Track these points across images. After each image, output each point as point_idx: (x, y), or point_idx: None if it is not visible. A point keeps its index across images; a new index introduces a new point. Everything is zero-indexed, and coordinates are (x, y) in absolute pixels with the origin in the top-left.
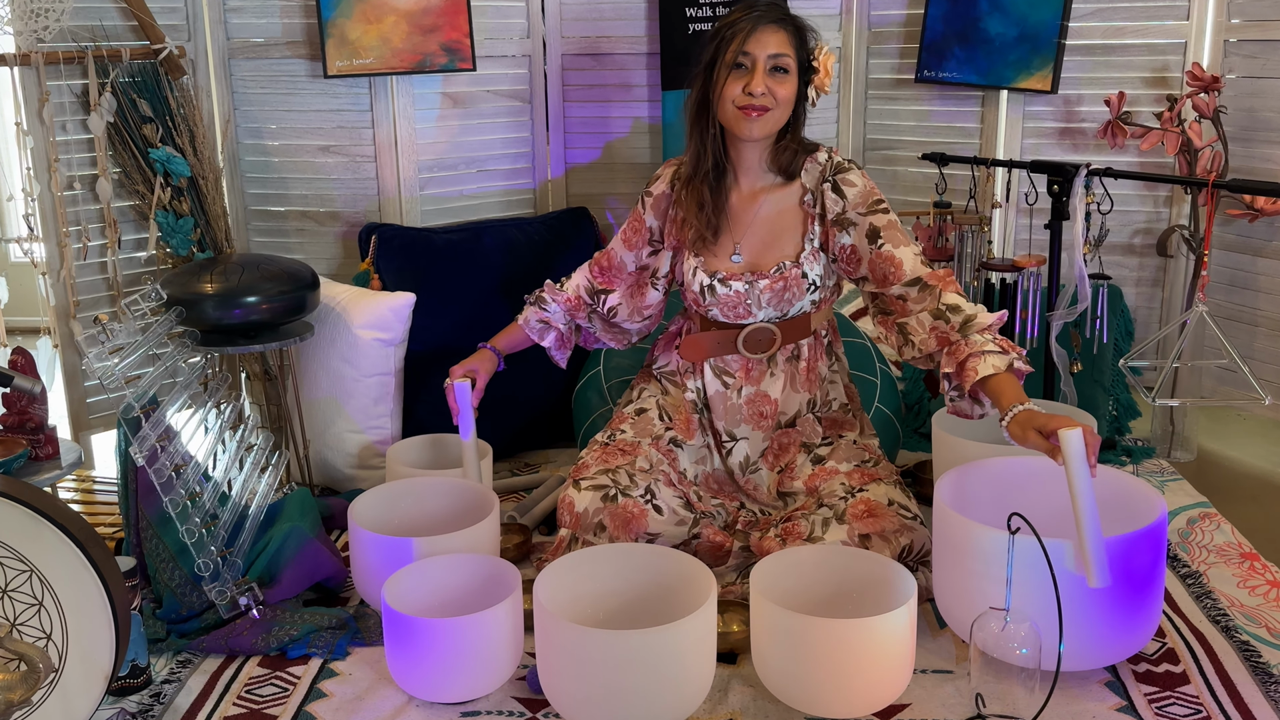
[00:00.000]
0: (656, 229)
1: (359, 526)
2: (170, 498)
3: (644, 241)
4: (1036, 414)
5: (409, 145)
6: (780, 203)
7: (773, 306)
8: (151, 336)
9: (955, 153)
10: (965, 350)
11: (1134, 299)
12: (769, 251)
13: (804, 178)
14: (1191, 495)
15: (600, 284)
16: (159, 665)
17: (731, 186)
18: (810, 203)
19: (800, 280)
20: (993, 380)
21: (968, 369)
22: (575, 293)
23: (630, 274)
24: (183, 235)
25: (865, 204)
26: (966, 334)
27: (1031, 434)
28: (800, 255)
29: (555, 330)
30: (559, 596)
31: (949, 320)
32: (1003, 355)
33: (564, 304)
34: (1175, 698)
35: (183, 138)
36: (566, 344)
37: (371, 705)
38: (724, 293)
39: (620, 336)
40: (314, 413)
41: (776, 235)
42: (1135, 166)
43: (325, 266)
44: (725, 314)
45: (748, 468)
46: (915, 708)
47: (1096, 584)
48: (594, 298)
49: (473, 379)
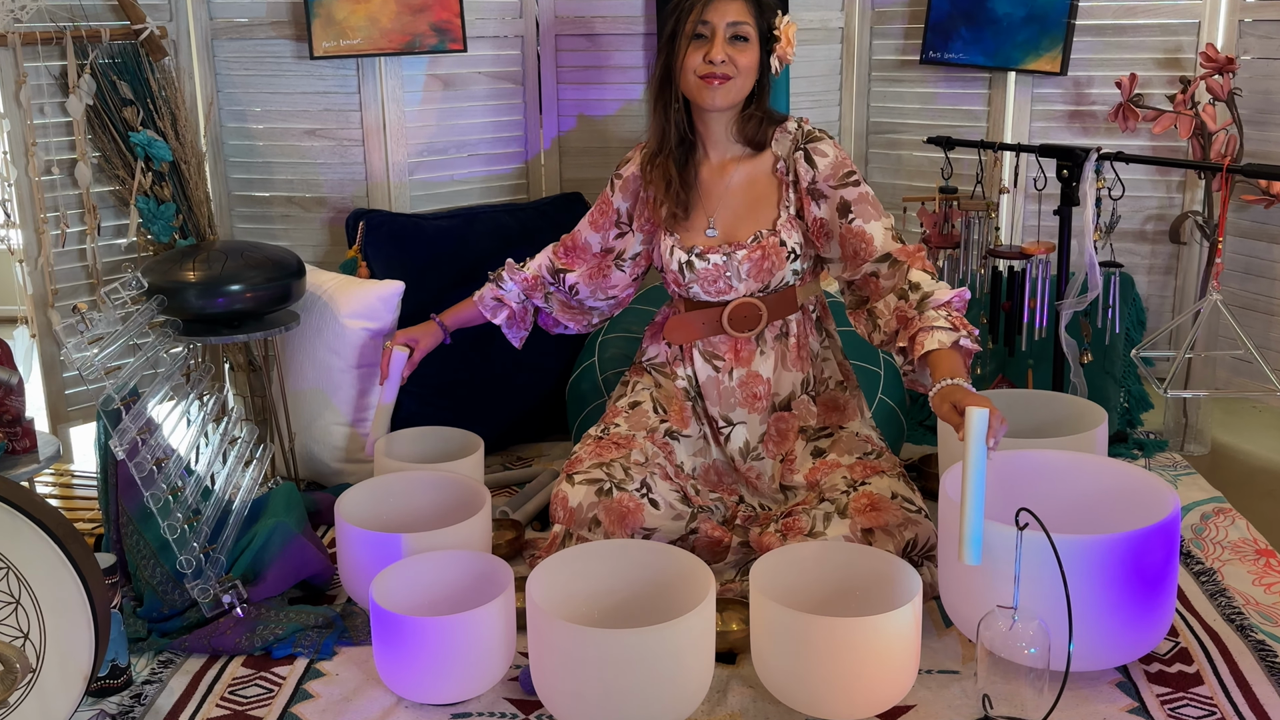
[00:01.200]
0: (625, 211)
1: (346, 522)
2: (151, 492)
3: (611, 224)
4: (959, 389)
5: (398, 129)
6: (752, 172)
7: (753, 278)
8: (132, 326)
9: (961, 136)
10: (917, 325)
11: (1146, 287)
12: (744, 222)
13: (775, 147)
14: (1205, 490)
15: (561, 264)
16: (140, 665)
17: (701, 160)
18: (783, 170)
19: (779, 249)
20: (935, 354)
21: (916, 343)
22: (535, 271)
23: (594, 255)
24: (164, 221)
25: (836, 176)
26: (922, 310)
27: (947, 407)
28: (776, 223)
29: (508, 308)
30: (552, 594)
31: (909, 298)
32: (950, 332)
33: (521, 283)
34: (1188, 699)
35: (164, 121)
36: (520, 323)
37: (359, 707)
38: (702, 267)
39: (581, 317)
40: (300, 405)
41: (750, 205)
42: (1147, 151)
43: (311, 254)
44: (707, 290)
45: (749, 454)
46: (920, 709)
47: (967, 561)
48: (554, 277)
49: (411, 349)
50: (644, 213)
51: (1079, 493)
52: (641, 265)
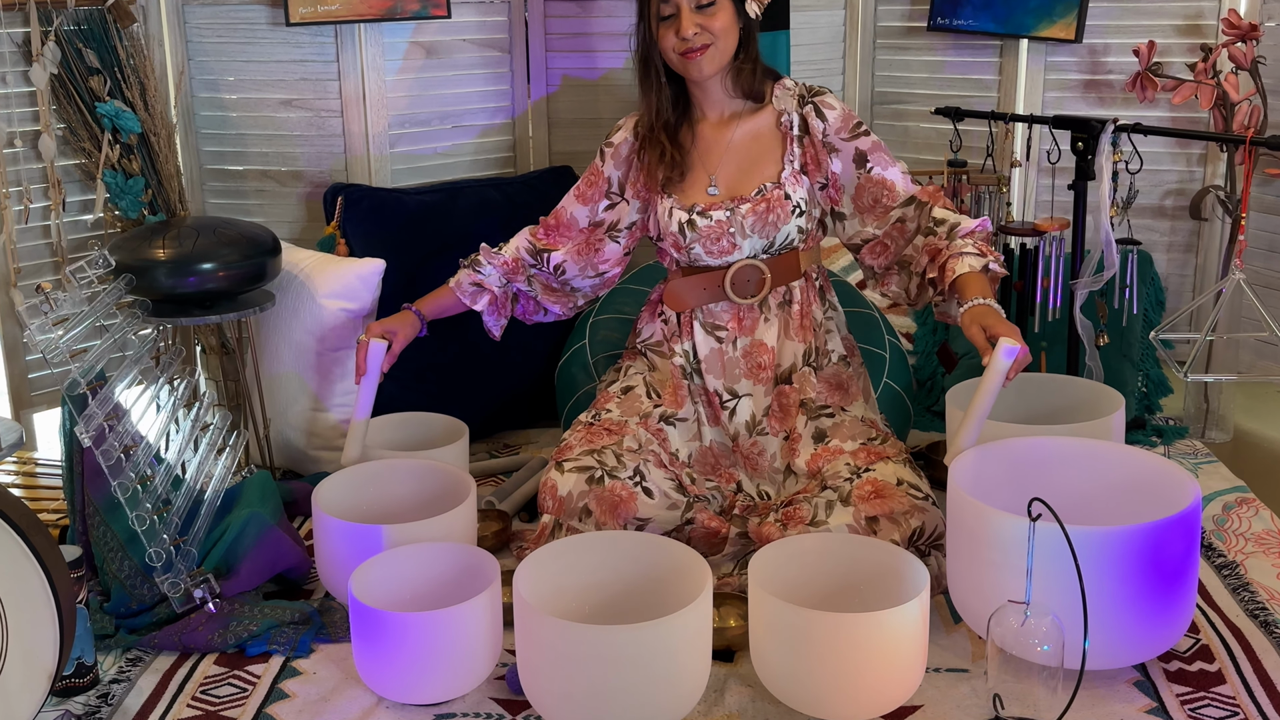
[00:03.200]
0: (616, 180)
1: (324, 513)
2: (119, 481)
3: (600, 194)
4: (991, 313)
5: (378, 99)
6: (754, 128)
7: (758, 234)
8: (99, 306)
9: (971, 107)
10: (946, 253)
11: (1165, 266)
12: (747, 177)
13: (776, 103)
14: (1227, 479)
15: (543, 244)
16: (107, 664)
17: (698, 120)
18: (788, 125)
19: (784, 202)
20: (964, 277)
21: (946, 269)
22: (514, 254)
23: (580, 231)
24: (133, 196)
25: (847, 128)
26: (951, 239)
27: (976, 328)
28: (781, 175)
29: (489, 294)
30: (541, 589)
31: (936, 233)
32: (979, 257)
33: (500, 267)
34: (1210, 699)
35: (133, 91)
36: (501, 310)
37: (337, 707)
38: (704, 224)
39: (565, 300)
40: (275, 389)
41: (754, 159)
42: (1166, 122)
43: (287, 230)
44: (709, 249)
45: (754, 428)
46: (927, 709)
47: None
48: (536, 258)
49: (389, 341)
50: (638, 179)
51: (1094, 482)
52: (636, 236)
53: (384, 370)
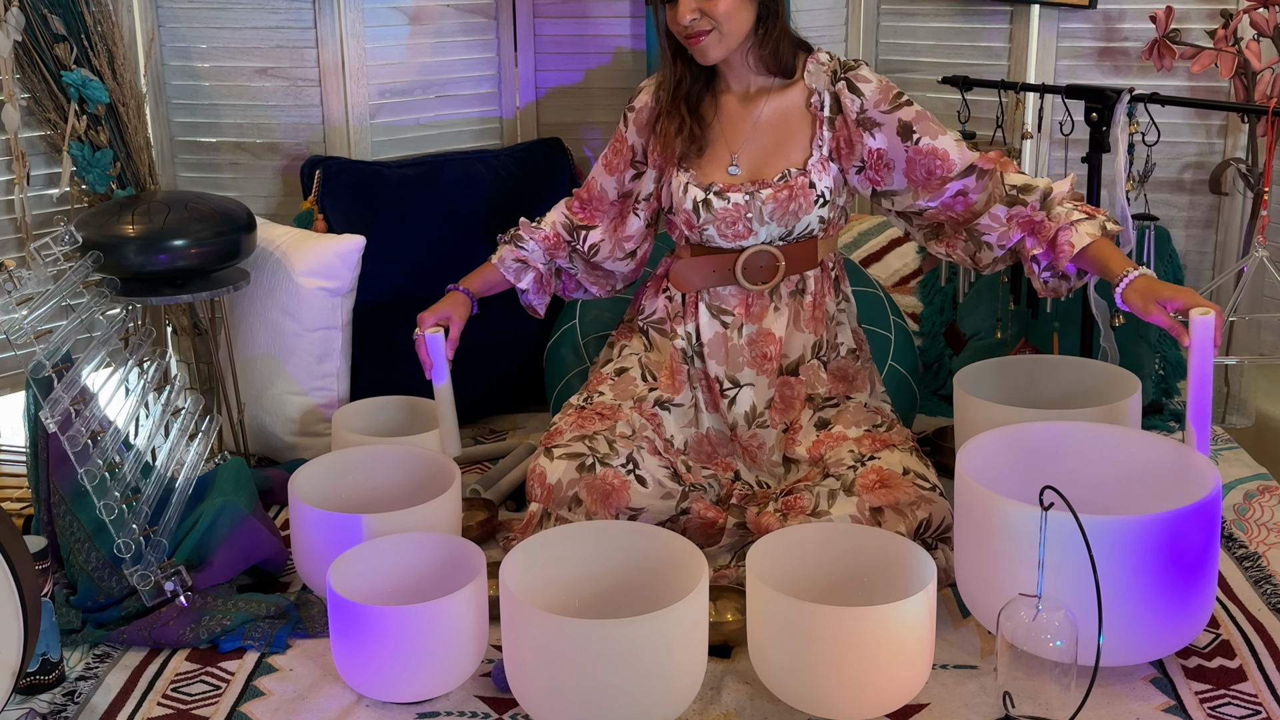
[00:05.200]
0: (640, 147)
1: (301, 501)
2: (86, 469)
3: (626, 163)
4: (1157, 283)
5: (358, 68)
6: (783, 105)
7: (776, 221)
8: (65, 285)
9: (980, 76)
10: (1053, 226)
11: (1184, 242)
12: (772, 160)
13: (808, 79)
14: (1249, 466)
15: (580, 219)
16: (73, 660)
17: (723, 91)
18: (818, 105)
19: (808, 190)
20: (1091, 248)
21: (1061, 244)
22: (553, 229)
23: (613, 204)
24: (100, 170)
25: (887, 100)
26: (1049, 210)
27: (1154, 306)
28: (807, 162)
29: (534, 270)
30: (529, 581)
31: (1025, 202)
32: (1091, 220)
33: (542, 242)
34: (1230, 697)
35: (100, 59)
36: (545, 288)
37: (315, 705)
38: (721, 207)
39: (603, 281)
40: (250, 372)
41: (779, 141)
42: (1185, 92)
43: (262, 205)
44: (723, 232)
45: (754, 419)
46: (934, 708)
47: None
48: (573, 235)
49: (445, 327)
50: (655, 146)
51: (1109, 469)
52: (653, 207)
53: (449, 357)
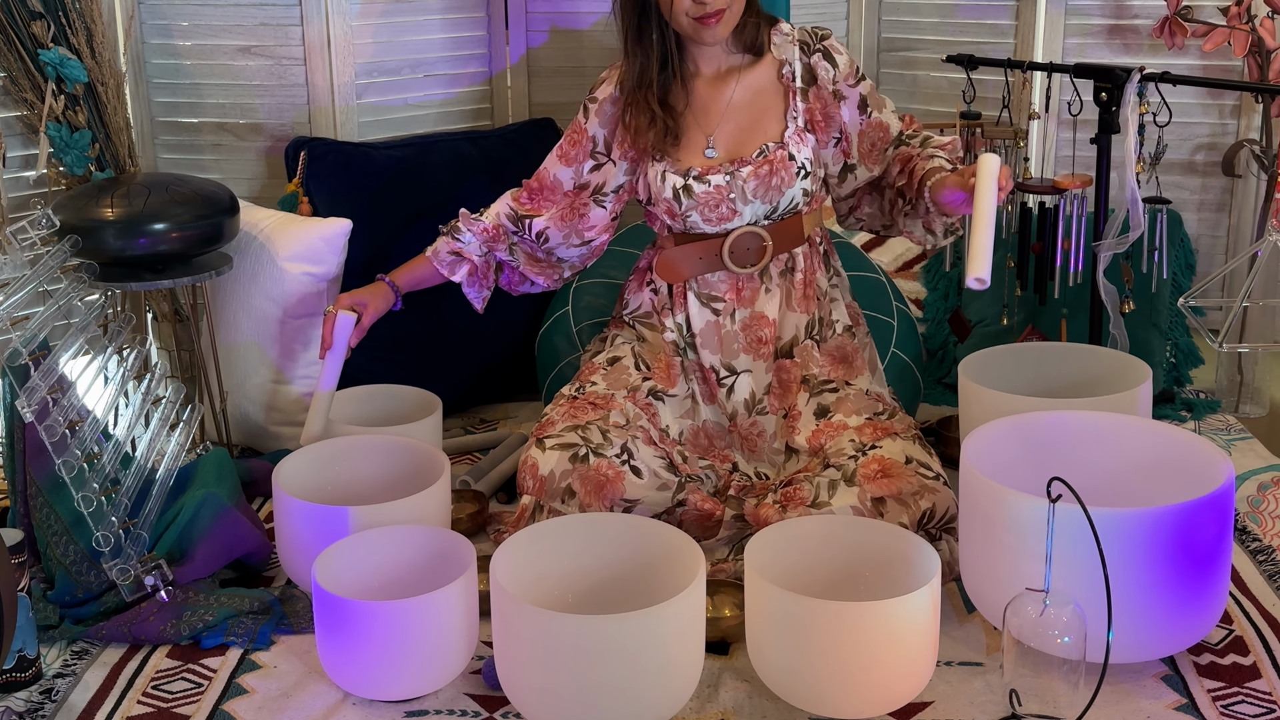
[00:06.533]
0: (602, 139)
1: (285, 493)
2: (64, 459)
3: (585, 154)
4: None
5: (344, 46)
6: (754, 82)
7: (760, 199)
8: (42, 270)
9: (986, 54)
10: (918, 159)
11: (1196, 226)
12: (748, 137)
13: (775, 51)
14: (1263, 457)
15: (526, 209)
16: (50, 657)
17: (691, 76)
18: (789, 76)
19: (788, 163)
20: (927, 171)
21: (916, 171)
22: (495, 220)
23: (565, 194)
24: (78, 151)
25: (853, 74)
26: (925, 147)
27: (953, 175)
28: (784, 135)
29: (469, 263)
30: (520, 575)
31: (909, 144)
32: (949, 163)
33: (480, 234)
34: (1244, 694)
35: (79, 37)
36: (482, 281)
37: (300, 703)
38: (702, 190)
39: (550, 271)
40: (233, 359)
41: (755, 119)
42: (1197, 71)
43: (246, 188)
44: (707, 217)
45: (754, 406)
46: (939, 706)
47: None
48: (517, 224)
49: (359, 313)
50: (625, 138)
51: (1119, 460)
52: (623, 200)
53: (351, 345)
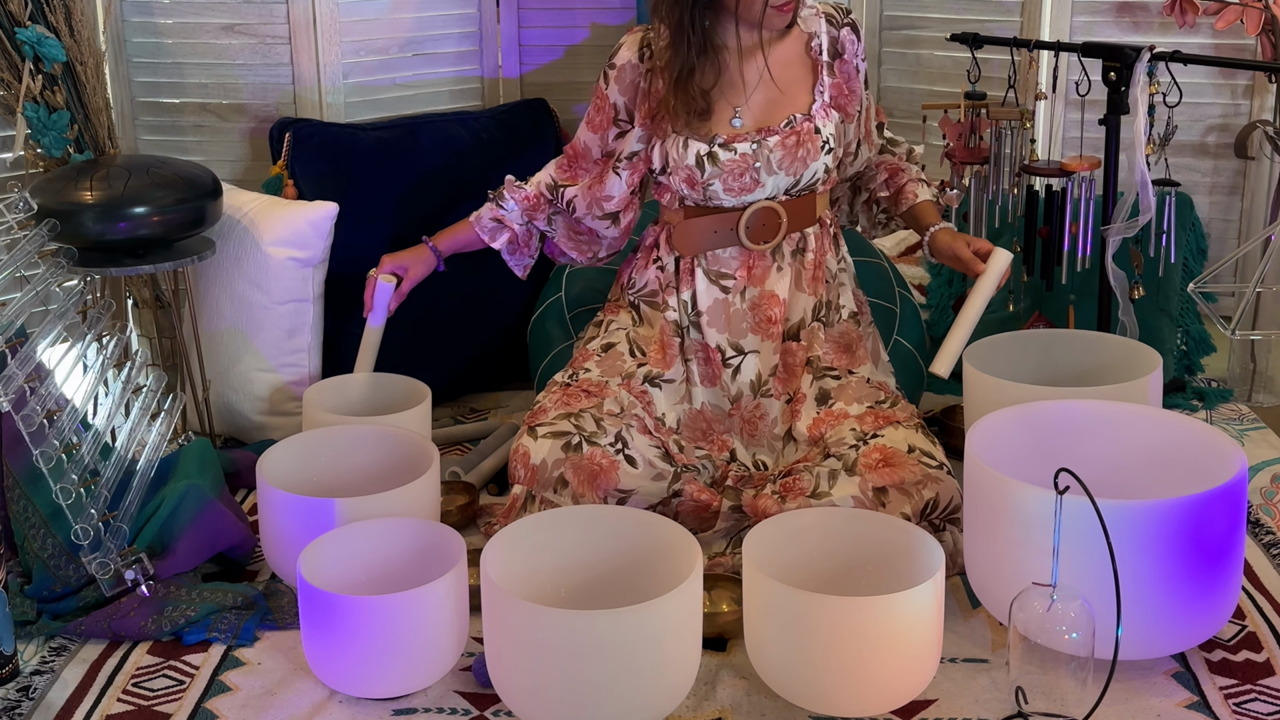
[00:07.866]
0: (623, 106)
1: (270, 485)
2: (41, 450)
3: (609, 121)
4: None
5: (330, 24)
6: (784, 54)
7: (784, 170)
8: (19, 255)
9: (991, 33)
10: (906, 177)
11: (1207, 209)
12: (776, 109)
13: (802, 24)
14: (1276, 447)
15: (563, 178)
16: (28, 653)
17: (720, 49)
18: (818, 49)
19: (814, 136)
20: (920, 205)
21: (905, 192)
22: (536, 189)
23: (596, 162)
24: (57, 133)
25: (862, 50)
26: (911, 160)
27: (961, 244)
28: (812, 108)
29: (509, 231)
30: (512, 569)
31: (894, 152)
32: (929, 187)
33: (522, 202)
34: (1257, 692)
35: (57, 15)
36: (523, 249)
37: (285, 701)
38: (728, 158)
39: (586, 247)
40: (215, 347)
41: (783, 90)
42: (1209, 50)
43: (229, 170)
44: (729, 186)
45: (759, 388)
46: (942, 704)
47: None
48: (554, 193)
49: (399, 278)
50: (645, 105)
51: (1128, 450)
52: (640, 169)
53: (391, 309)
